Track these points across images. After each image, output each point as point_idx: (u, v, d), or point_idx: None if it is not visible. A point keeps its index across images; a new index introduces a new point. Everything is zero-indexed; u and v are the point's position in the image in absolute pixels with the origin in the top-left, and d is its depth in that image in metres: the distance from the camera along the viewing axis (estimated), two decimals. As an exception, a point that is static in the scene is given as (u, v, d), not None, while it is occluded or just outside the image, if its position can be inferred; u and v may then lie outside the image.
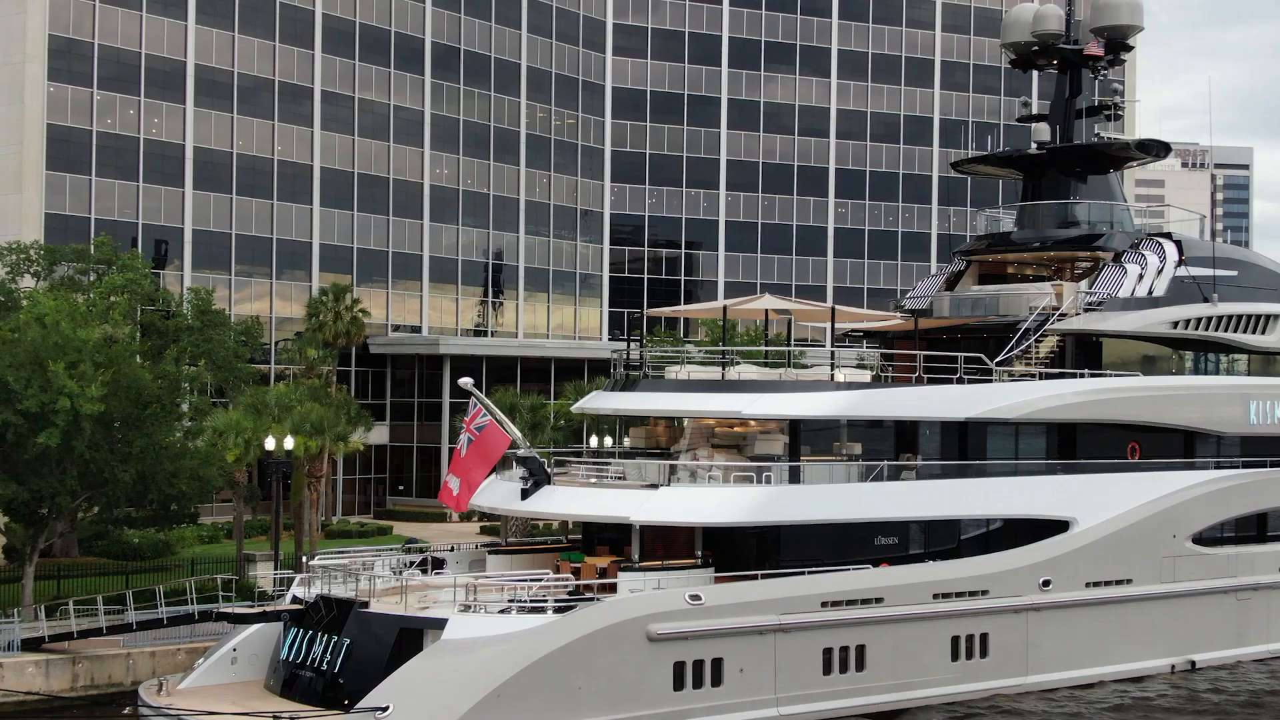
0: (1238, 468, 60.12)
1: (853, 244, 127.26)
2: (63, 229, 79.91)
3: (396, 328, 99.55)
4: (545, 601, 42.97)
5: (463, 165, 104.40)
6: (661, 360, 56.84)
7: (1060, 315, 57.85)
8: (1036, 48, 66.54)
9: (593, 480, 50.04)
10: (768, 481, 47.86)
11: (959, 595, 49.57)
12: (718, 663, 44.19)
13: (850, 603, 46.91)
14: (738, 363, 52.75)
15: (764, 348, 60.86)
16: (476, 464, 48.44)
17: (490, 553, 52.15)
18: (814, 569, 46.68)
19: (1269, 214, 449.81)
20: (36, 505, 52.09)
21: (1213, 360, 62.95)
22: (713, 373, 52.30)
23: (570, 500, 48.55)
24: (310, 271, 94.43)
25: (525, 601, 43.04)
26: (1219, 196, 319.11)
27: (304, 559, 55.17)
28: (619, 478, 49.47)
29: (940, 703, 48.44)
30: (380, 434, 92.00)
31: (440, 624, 41.71)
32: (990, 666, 50.34)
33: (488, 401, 49.27)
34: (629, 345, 56.97)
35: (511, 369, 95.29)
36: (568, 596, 43.64)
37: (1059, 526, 52.74)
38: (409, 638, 41.98)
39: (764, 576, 45.90)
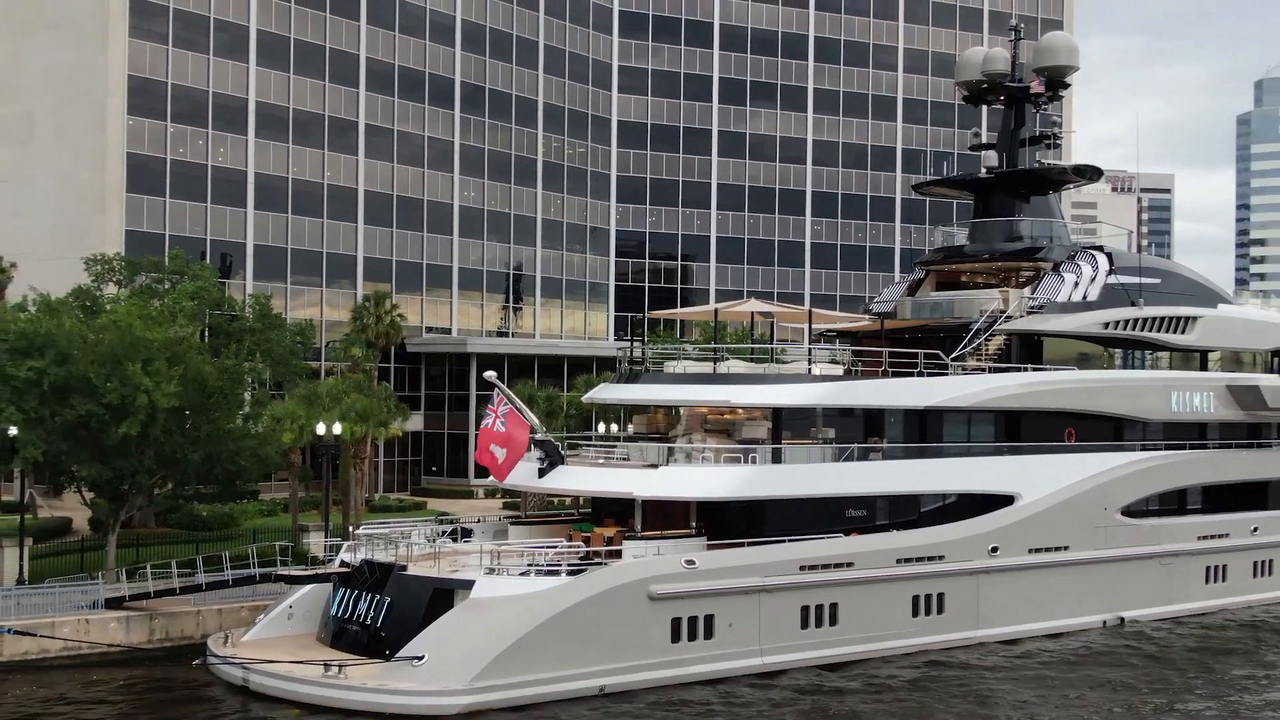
0: (1161, 450, 60.19)
1: (827, 256, 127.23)
2: (141, 244, 79.82)
3: (429, 329, 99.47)
4: (560, 566, 43.15)
5: (487, 188, 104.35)
6: (661, 357, 56.92)
7: (1006, 317, 57.90)
8: (986, 86, 66.65)
9: (601, 461, 50.18)
10: (753, 462, 47.98)
11: (919, 560, 49.70)
12: (709, 618, 44.31)
13: (825, 566, 47.04)
14: (727, 359, 52.83)
15: (750, 345, 60.86)
16: (513, 441, 48.54)
17: (512, 524, 52.27)
18: (793, 537, 46.85)
19: (1188, 232, 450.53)
20: (118, 483, 52.19)
21: (1139, 356, 62.99)
22: (705, 368, 52.47)
23: (581, 478, 48.69)
24: (355, 281, 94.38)
25: (542, 565, 43.22)
26: (1144, 216, 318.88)
27: (350, 529, 55.23)
28: (624, 459, 49.64)
29: (902, 653, 48.53)
30: (416, 422, 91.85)
31: (469, 585, 41.87)
32: (946, 622, 50.48)
33: (509, 392, 49.35)
34: (632, 344, 56.97)
35: (530, 365, 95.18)
36: (579, 561, 43.78)
37: (1005, 500, 52.87)
38: (441, 596, 42.15)
39: (750, 544, 46.01)
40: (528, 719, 38.97)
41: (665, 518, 47.03)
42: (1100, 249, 63.26)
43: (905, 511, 50.78)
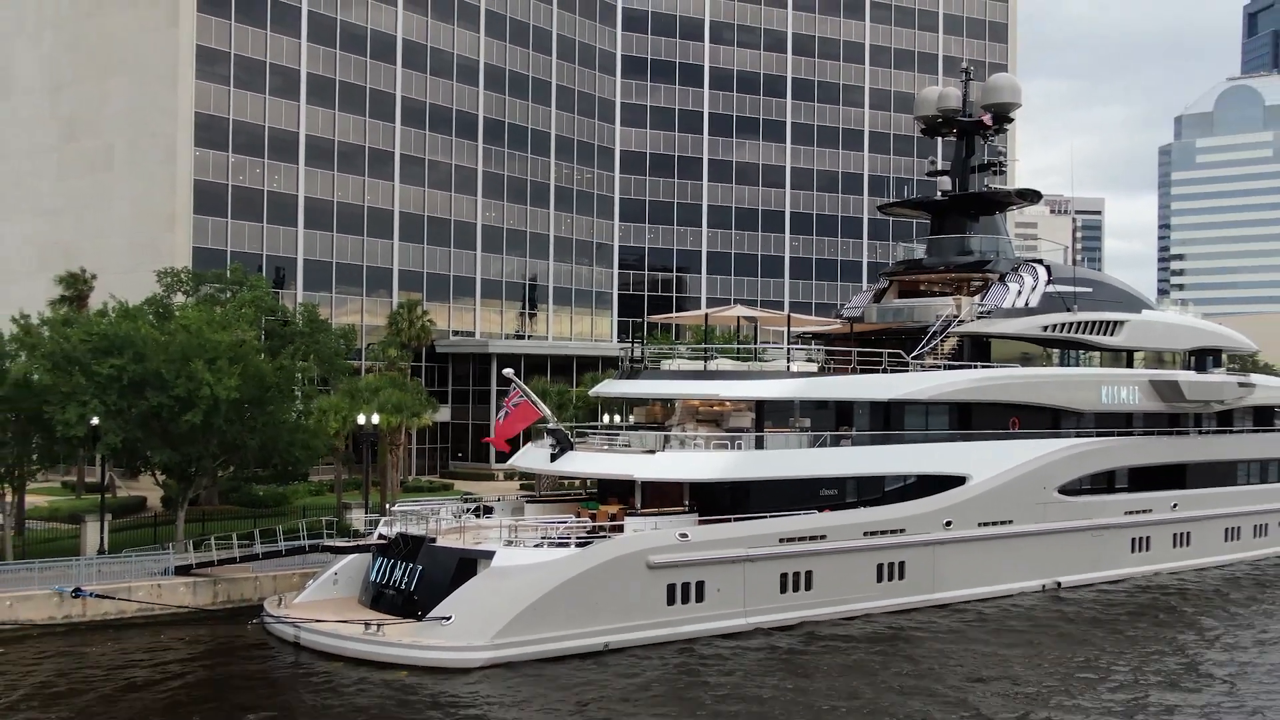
0: (1093, 437, 60.17)
1: (803, 269, 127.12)
2: (206, 259, 79.79)
3: (456, 333, 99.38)
4: (569, 539, 43.12)
5: (506, 209, 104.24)
6: (658, 356, 56.84)
7: (959, 321, 57.89)
8: (941, 120, 66.63)
9: (605, 447, 50.05)
10: (739, 448, 47.97)
11: (883, 533, 49.68)
12: (700, 584, 44.29)
13: (801, 539, 47.01)
14: (716, 358, 52.78)
15: (736, 346, 60.82)
16: (513, 426, 48.92)
17: (527, 502, 52.28)
18: (774, 514, 46.83)
19: (1116, 248, 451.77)
20: (186, 466, 52.18)
21: (1074, 355, 62.97)
22: (697, 365, 52.41)
23: (588, 462, 48.62)
24: (391, 290, 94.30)
25: (554, 538, 43.16)
26: (1078, 234, 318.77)
27: (387, 506, 55.19)
28: (625, 445, 49.51)
29: (869, 614, 48.53)
30: (444, 414, 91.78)
31: (490, 555, 41.88)
32: (906, 586, 50.45)
33: (525, 387, 49.35)
34: (633, 345, 56.95)
35: (543, 364, 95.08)
36: (586, 535, 43.76)
37: (958, 481, 52.83)
38: (466, 565, 42.15)
39: (736, 519, 45.96)
40: (541, 672, 38.93)
41: (662, 497, 47.03)
42: (1040, 262, 63.22)
43: (871, 491, 50.76)
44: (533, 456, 50.11)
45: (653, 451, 47.38)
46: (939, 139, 69.24)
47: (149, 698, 35.71)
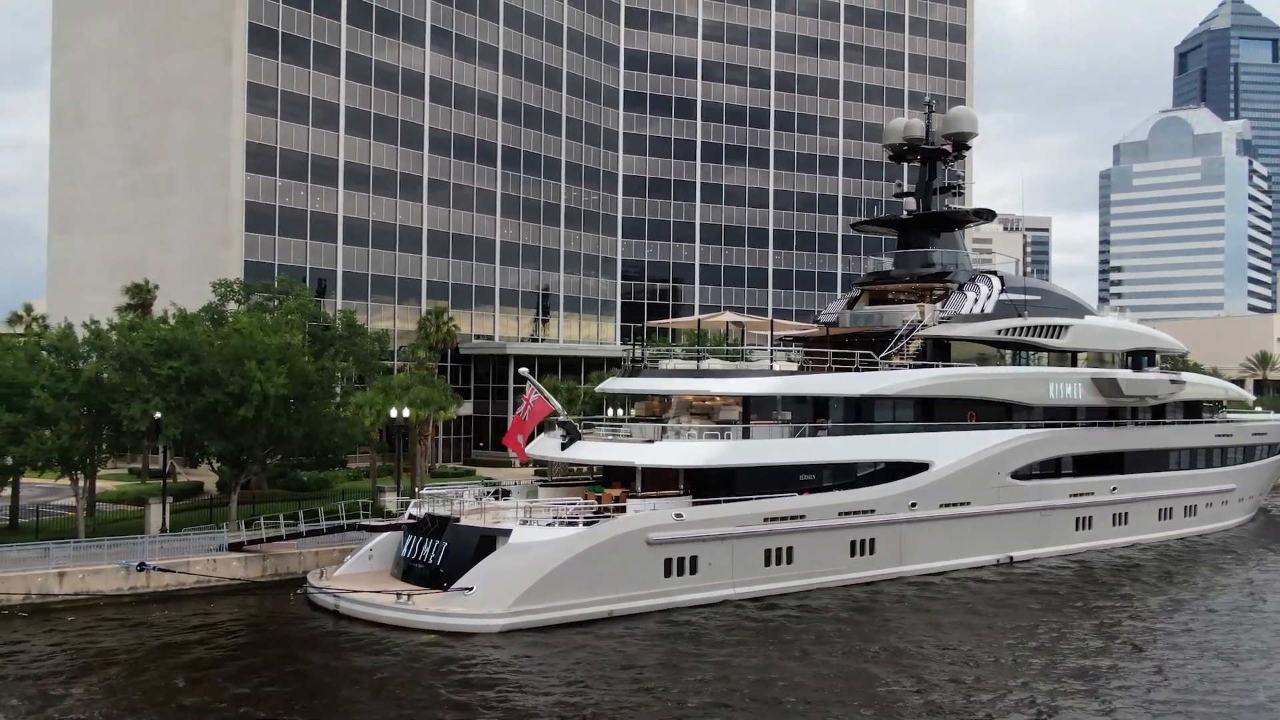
0: (1041, 428, 60.12)
1: (785, 280, 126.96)
2: (256, 271, 79.76)
3: (477, 337, 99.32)
4: (578, 518, 43.11)
5: (522, 227, 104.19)
6: (656, 357, 56.83)
7: (923, 326, 57.87)
8: (907, 148, 66.65)
9: (609, 437, 50.16)
10: (728, 438, 47.98)
11: (856, 513, 49.67)
12: (694, 558, 44.29)
13: (782, 518, 47.01)
14: (708, 358, 52.75)
15: (725, 348, 60.81)
16: (532, 425, 48.82)
17: (541, 486, 52.27)
18: (758, 496, 46.81)
19: (1062, 261, 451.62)
20: (238, 455, 52.15)
21: (1024, 355, 62.95)
22: (690, 365, 52.37)
23: (594, 450, 48.68)
24: (420, 299, 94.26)
25: (564, 518, 43.17)
26: (1028, 249, 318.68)
27: (416, 490, 55.15)
28: (627, 436, 49.60)
29: (843, 585, 48.48)
30: (467, 408, 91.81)
31: (507, 533, 41.89)
32: (876, 560, 50.45)
33: (539, 384, 49.32)
34: (634, 347, 56.87)
35: (554, 364, 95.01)
36: (593, 515, 43.77)
37: (922, 467, 52.81)
38: (487, 542, 42.17)
39: (725, 501, 45.97)
40: (553, 636, 38.91)
41: (660, 481, 47.03)
42: (994, 273, 63.23)
43: (845, 476, 50.73)
44: (545, 446, 50.10)
45: (652, 441, 47.41)
46: (905, 164, 69.24)
47: (205, 658, 35.71)
